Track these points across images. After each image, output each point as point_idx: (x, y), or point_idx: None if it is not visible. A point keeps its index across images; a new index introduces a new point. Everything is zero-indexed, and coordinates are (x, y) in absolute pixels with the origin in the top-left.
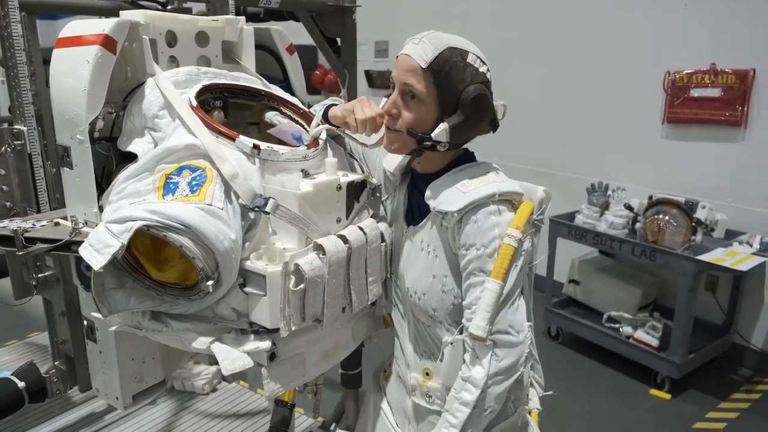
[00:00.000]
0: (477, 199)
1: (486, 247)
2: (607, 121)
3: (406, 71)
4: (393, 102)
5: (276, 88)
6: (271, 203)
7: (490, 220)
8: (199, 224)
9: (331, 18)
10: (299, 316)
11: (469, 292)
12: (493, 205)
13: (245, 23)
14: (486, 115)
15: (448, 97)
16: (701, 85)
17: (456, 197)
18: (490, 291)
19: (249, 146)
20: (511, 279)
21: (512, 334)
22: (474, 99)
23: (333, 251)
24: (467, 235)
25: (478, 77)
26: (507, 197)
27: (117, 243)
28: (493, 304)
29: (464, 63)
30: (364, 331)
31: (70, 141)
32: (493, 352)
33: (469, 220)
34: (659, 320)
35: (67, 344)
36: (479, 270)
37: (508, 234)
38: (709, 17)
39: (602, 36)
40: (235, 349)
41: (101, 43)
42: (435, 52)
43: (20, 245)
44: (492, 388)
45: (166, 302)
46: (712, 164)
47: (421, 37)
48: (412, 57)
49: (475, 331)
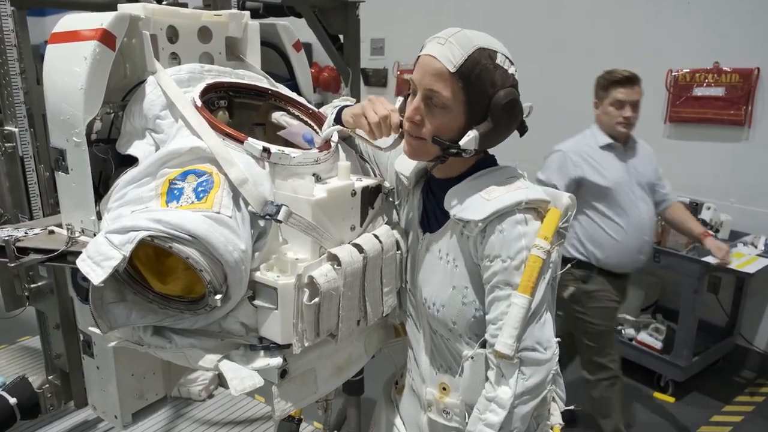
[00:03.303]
0: (502, 207)
1: (512, 258)
2: None
3: (432, 75)
4: (416, 108)
5: (282, 87)
6: (284, 211)
7: (517, 229)
8: (206, 234)
9: (334, 14)
10: (313, 332)
11: (494, 307)
12: (519, 213)
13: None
14: (516, 120)
15: (478, 102)
16: (704, 84)
17: (479, 205)
18: (518, 306)
19: (258, 149)
20: (539, 293)
21: (540, 351)
22: (506, 105)
23: (348, 262)
24: (492, 245)
25: (508, 80)
26: (533, 205)
27: (118, 255)
28: (521, 320)
29: (494, 65)
30: (377, 342)
31: (65, 143)
32: (519, 370)
33: (494, 229)
34: (662, 322)
35: (61, 358)
36: (505, 283)
37: (536, 245)
38: (713, 15)
39: (603, 34)
40: (244, 367)
41: (99, 38)
42: (464, 54)
43: (12, 256)
44: (518, 408)
45: (169, 316)
46: (715, 164)
47: (446, 36)
48: (439, 59)
49: (501, 349)
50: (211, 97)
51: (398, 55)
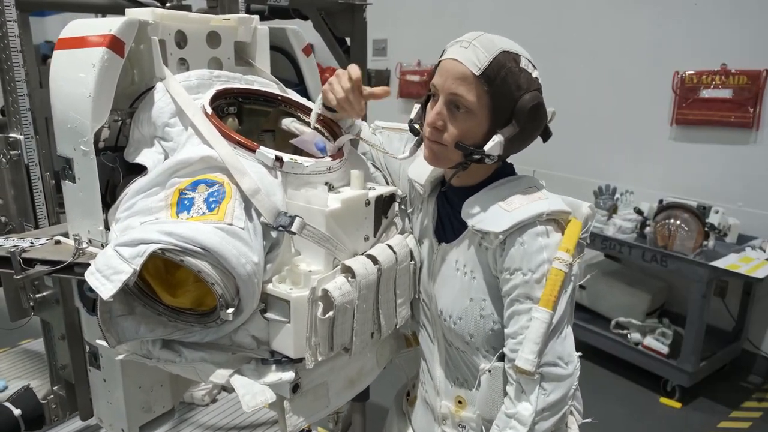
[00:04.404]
0: (523, 219)
1: (533, 272)
2: (613, 122)
3: (456, 79)
4: (438, 113)
5: (293, 92)
6: (298, 222)
7: (538, 242)
8: (219, 247)
9: (340, 16)
10: (327, 346)
11: (513, 321)
12: (541, 225)
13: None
14: (541, 124)
15: (503, 107)
16: (711, 86)
17: (499, 216)
18: (539, 321)
19: (271, 158)
20: (560, 307)
21: (561, 366)
22: (532, 109)
23: (363, 274)
24: (512, 258)
25: (533, 84)
26: (554, 216)
27: (128, 269)
28: (543, 335)
29: (519, 68)
30: (389, 353)
31: (72, 152)
32: (540, 386)
33: (515, 242)
34: (669, 327)
35: (67, 369)
36: (525, 297)
37: (557, 258)
38: (720, 16)
39: (608, 35)
40: (255, 382)
41: (108, 44)
42: (489, 57)
43: (18, 268)
44: (539, 424)
45: (179, 330)
46: (723, 167)
47: (470, 40)
48: (463, 63)
49: (522, 365)
50: (221, 103)
51: (401, 57)
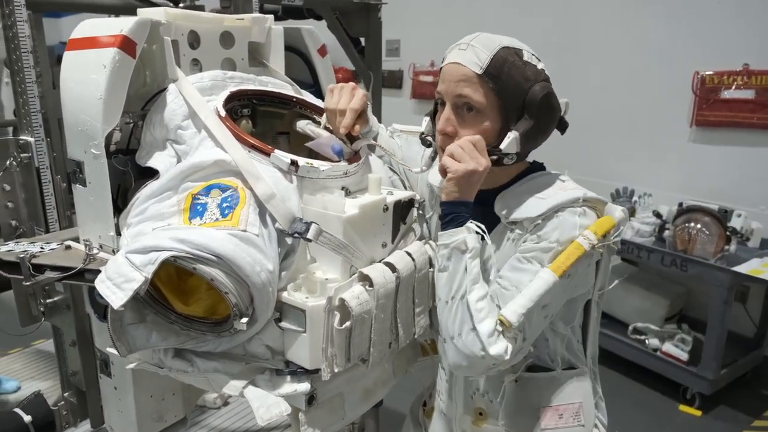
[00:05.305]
0: (561, 202)
1: (561, 244)
2: (631, 124)
3: (459, 81)
4: (447, 119)
5: (307, 94)
6: (314, 229)
7: (575, 219)
8: (233, 254)
9: (355, 16)
10: (344, 357)
11: (513, 269)
12: (579, 207)
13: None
14: (556, 115)
15: (512, 102)
16: (733, 87)
17: (533, 204)
18: (543, 281)
19: (286, 162)
20: (562, 283)
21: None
22: (543, 99)
23: (381, 282)
24: (546, 230)
25: (540, 75)
26: (591, 203)
27: (140, 277)
28: (539, 296)
29: (522, 61)
30: (405, 363)
31: (83, 155)
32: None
33: (552, 217)
34: (688, 333)
35: (77, 376)
36: (538, 261)
37: (583, 234)
38: (742, 14)
39: (625, 34)
40: (270, 394)
41: (119, 45)
42: (489, 54)
43: (27, 274)
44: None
45: (191, 339)
46: (745, 170)
47: (467, 41)
48: (463, 64)
49: (509, 316)
50: (234, 105)
51: (414, 57)
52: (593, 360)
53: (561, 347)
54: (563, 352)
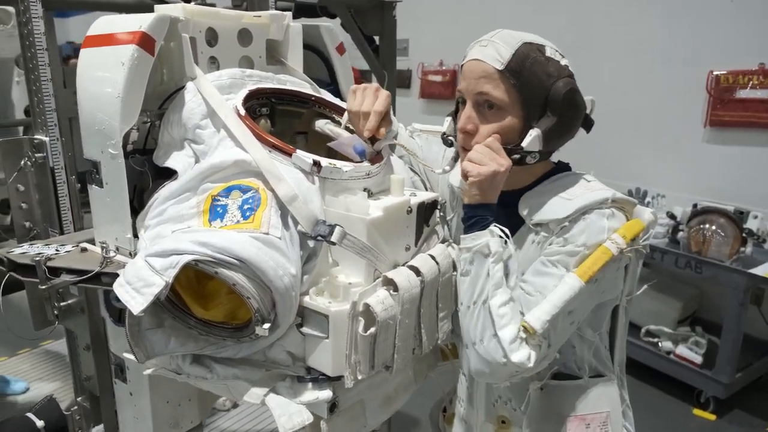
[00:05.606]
0: (588, 203)
1: (588, 247)
2: (644, 124)
3: (480, 78)
4: (468, 117)
5: (326, 93)
6: (338, 232)
7: (602, 222)
8: (256, 258)
9: (370, 14)
10: (368, 364)
11: (537, 273)
12: (607, 209)
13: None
14: (580, 112)
15: (534, 98)
16: (749, 86)
17: (559, 205)
18: (568, 286)
19: (308, 163)
20: (588, 288)
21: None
22: (566, 95)
23: (406, 287)
24: (573, 234)
25: (564, 71)
26: (620, 204)
27: (160, 282)
28: (565, 302)
29: (545, 57)
30: (426, 368)
31: (100, 155)
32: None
33: (579, 220)
34: (702, 335)
35: (91, 381)
36: (564, 265)
37: (611, 238)
38: (758, 13)
39: (639, 32)
40: (292, 402)
41: (138, 42)
42: (510, 49)
43: (43, 277)
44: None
45: (211, 344)
46: (760, 171)
47: (488, 38)
48: (484, 61)
49: (533, 323)
50: (253, 104)
51: (422, 56)
52: (620, 367)
53: (588, 354)
54: (590, 359)
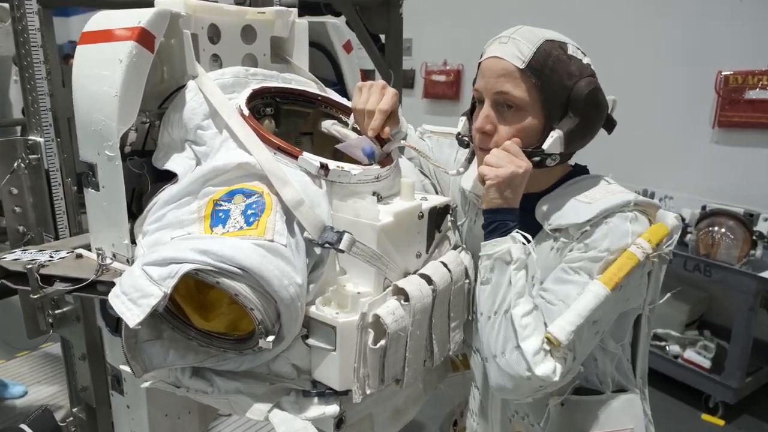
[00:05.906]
0: (609, 207)
1: (612, 253)
2: (651, 125)
3: (499, 77)
4: (486, 116)
5: (332, 92)
6: (347, 239)
7: (626, 226)
8: (260, 267)
9: (376, 12)
10: (377, 378)
11: (559, 281)
12: (629, 212)
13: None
14: (603, 113)
15: (556, 98)
16: (758, 87)
17: (578, 209)
18: (593, 294)
19: (315, 166)
20: (614, 296)
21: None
22: (589, 95)
23: (418, 297)
24: (594, 238)
25: (586, 70)
26: (642, 207)
27: (158, 292)
28: (590, 311)
29: (567, 56)
30: (436, 379)
31: (96, 157)
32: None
33: (600, 224)
34: (711, 339)
35: (87, 391)
36: (587, 272)
37: (636, 243)
38: (766, 13)
39: (647, 33)
40: (297, 418)
41: (137, 38)
42: (532, 47)
43: (35, 286)
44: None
45: (212, 356)
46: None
47: (508, 35)
48: (504, 59)
49: (557, 334)
50: (257, 104)
51: (426, 56)
52: (642, 380)
53: (611, 367)
54: (613, 372)
